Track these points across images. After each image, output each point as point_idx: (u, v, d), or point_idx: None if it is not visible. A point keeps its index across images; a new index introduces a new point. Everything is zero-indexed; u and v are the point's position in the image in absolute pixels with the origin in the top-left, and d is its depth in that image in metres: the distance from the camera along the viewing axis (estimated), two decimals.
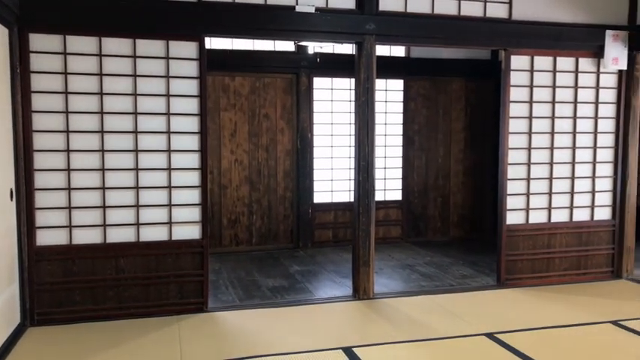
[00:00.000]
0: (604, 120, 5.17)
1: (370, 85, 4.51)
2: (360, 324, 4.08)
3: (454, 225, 7.21)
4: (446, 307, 4.40)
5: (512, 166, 4.96)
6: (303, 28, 4.34)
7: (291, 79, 6.41)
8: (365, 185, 4.58)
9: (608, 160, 5.22)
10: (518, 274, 5.03)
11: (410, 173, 6.96)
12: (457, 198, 7.18)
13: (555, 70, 5.00)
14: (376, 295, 4.66)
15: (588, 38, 5.00)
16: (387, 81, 6.73)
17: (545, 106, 5.01)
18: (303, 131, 6.43)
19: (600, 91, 5.13)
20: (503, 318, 4.12)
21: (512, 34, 4.80)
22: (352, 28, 4.41)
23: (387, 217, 6.93)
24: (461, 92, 7.08)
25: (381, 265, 5.76)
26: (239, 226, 6.36)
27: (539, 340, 3.70)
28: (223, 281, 5.15)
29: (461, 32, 4.68)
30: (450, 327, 3.93)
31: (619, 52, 5.03)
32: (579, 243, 5.18)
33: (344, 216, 6.63)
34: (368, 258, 4.61)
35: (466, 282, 5.15)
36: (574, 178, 5.13)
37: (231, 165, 6.29)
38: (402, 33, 4.55)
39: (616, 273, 5.27)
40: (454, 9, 4.65)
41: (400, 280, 5.22)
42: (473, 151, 7.18)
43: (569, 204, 5.14)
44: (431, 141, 7.02)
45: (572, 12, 4.97)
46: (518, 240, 5.02)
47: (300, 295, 4.71)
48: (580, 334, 3.82)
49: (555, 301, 4.56)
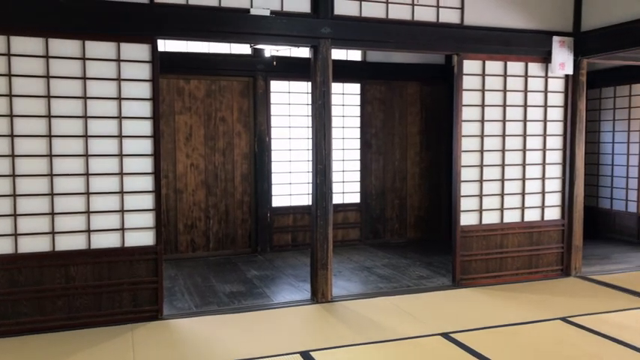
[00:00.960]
0: (552, 123, 5.35)
1: (326, 88, 4.53)
2: (318, 327, 4.07)
3: (411, 226, 7.31)
4: (403, 308, 4.44)
5: (466, 168, 5.07)
6: (259, 31, 4.32)
7: (247, 82, 6.36)
8: (322, 188, 4.58)
9: (557, 161, 5.40)
10: (473, 274, 5.14)
11: (368, 176, 7.02)
12: (414, 200, 7.29)
13: (506, 75, 5.14)
14: (334, 298, 4.67)
15: (537, 44, 5.16)
16: (344, 84, 6.78)
17: (496, 109, 5.14)
18: (260, 134, 6.39)
19: (548, 95, 5.31)
20: (459, 317, 4.20)
21: (464, 39, 4.91)
22: (308, 31, 4.42)
23: (346, 220, 6.96)
24: (416, 96, 7.19)
25: (340, 267, 5.78)
26: (196, 231, 6.26)
27: (492, 338, 3.79)
28: (179, 288, 5.05)
29: (415, 37, 4.75)
30: (406, 328, 3.97)
31: (565, 58, 5.22)
32: (530, 242, 5.33)
33: (303, 219, 6.62)
34: (326, 261, 4.62)
35: (422, 283, 5.22)
36: (525, 180, 5.28)
37: (186, 169, 6.18)
38: (358, 37, 4.59)
39: (565, 271, 5.45)
40: (408, 14, 4.72)
41: (359, 283, 5.24)
42: (429, 153, 7.30)
43: (520, 205, 5.28)
44: (388, 144, 7.10)
45: (521, 19, 5.12)
46: (472, 240, 5.13)
47: (258, 300, 4.67)
48: (532, 331, 3.93)
49: (508, 300, 4.68)
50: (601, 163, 7.54)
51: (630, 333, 3.84)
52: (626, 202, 7.17)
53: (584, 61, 5.29)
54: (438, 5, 4.81)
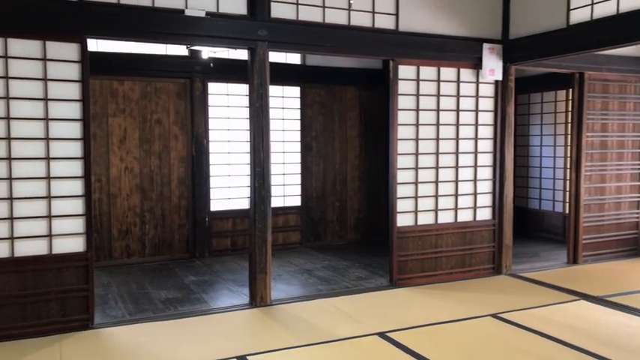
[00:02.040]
0: (483, 127, 5.56)
1: (264, 91, 4.51)
2: (256, 331, 4.04)
3: (351, 228, 7.39)
4: (341, 309, 4.49)
5: (402, 170, 5.18)
6: (194, 32, 4.25)
7: (184, 84, 6.25)
8: (261, 191, 4.56)
9: (488, 164, 5.61)
10: (409, 274, 5.26)
11: (308, 179, 7.05)
12: (354, 202, 7.38)
13: (439, 80, 5.30)
14: (273, 302, 4.65)
15: (468, 50, 5.36)
16: (284, 88, 6.78)
17: (430, 113, 5.28)
18: (198, 137, 6.29)
19: (479, 100, 5.51)
20: (395, 317, 4.28)
21: (399, 45, 5.03)
22: (244, 33, 4.40)
23: (287, 223, 6.96)
24: (355, 100, 7.30)
25: (280, 271, 5.76)
26: (130, 236, 6.08)
27: (427, 336, 3.89)
28: (113, 295, 4.88)
29: (351, 41, 4.82)
30: (344, 328, 4.01)
31: (495, 64, 5.44)
32: (464, 242, 5.51)
33: (243, 223, 6.55)
34: (265, 265, 4.60)
35: (361, 283, 5.29)
36: (458, 182, 5.46)
37: (120, 173, 5.99)
38: (295, 40, 4.61)
39: (497, 269, 5.67)
40: (344, 19, 4.79)
41: (298, 286, 5.25)
42: (367, 156, 7.42)
43: (454, 205, 5.45)
44: (328, 147, 7.16)
45: (454, 26, 5.30)
46: (408, 241, 5.25)
47: (195, 306, 4.58)
48: (464, 328, 4.06)
49: (443, 298, 4.81)
50: (530, 166, 7.91)
51: (556, 327, 4.03)
52: (554, 203, 7.55)
53: (512, 67, 5.53)
54: (374, 11, 4.91)
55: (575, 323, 4.12)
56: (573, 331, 3.93)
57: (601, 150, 6.18)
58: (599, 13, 4.57)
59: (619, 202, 6.34)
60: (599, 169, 6.19)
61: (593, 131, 6.12)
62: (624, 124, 6.31)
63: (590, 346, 3.65)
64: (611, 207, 6.29)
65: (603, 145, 6.20)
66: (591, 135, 6.10)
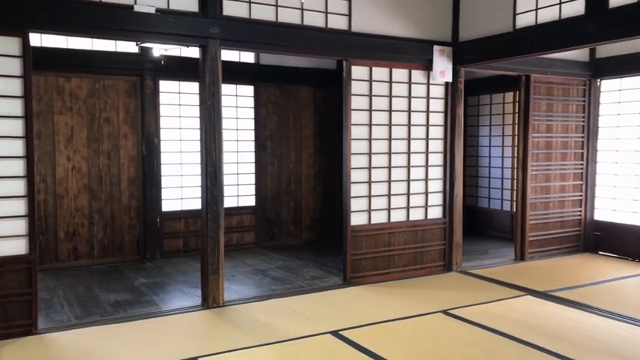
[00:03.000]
0: (434, 127, 5.67)
1: (216, 89, 4.46)
2: (208, 333, 3.99)
3: (306, 228, 7.40)
4: (295, 308, 4.48)
5: (355, 170, 5.23)
6: (143, 28, 4.16)
7: (135, 82, 6.10)
8: (213, 191, 4.50)
9: (439, 163, 5.73)
10: (363, 272, 5.31)
11: (263, 179, 7.01)
12: (309, 202, 7.39)
13: (392, 81, 5.37)
14: (226, 303, 4.60)
15: (419, 52, 5.46)
16: (237, 86, 6.73)
17: (383, 114, 5.35)
18: (149, 136, 6.16)
19: (430, 101, 5.62)
20: (348, 315, 4.31)
21: (352, 46, 5.07)
22: (195, 31, 4.33)
23: (241, 223, 6.90)
24: (310, 100, 7.31)
25: (233, 272, 5.71)
26: (78, 238, 5.89)
27: (379, 333, 3.93)
28: (58, 299, 4.72)
29: (304, 41, 4.83)
30: (297, 328, 4.01)
31: (445, 66, 5.56)
32: (416, 240, 5.61)
33: (195, 224, 6.45)
34: (217, 265, 4.54)
35: (315, 283, 5.30)
36: (410, 181, 5.55)
37: (67, 173, 5.80)
38: (247, 39, 4.58)
39: (447, 266, 5.80)
40: (297, 18, 4.79)
41: (252, 286, 5.21)
42: (322, 156, 7.45)
43: (406, 205, 5.54)
44: (282, 147, 7.14)
45: (405, 28, 5.39)
46: (362, 240, 5.30)
47: (145, 309, 4.48)
48: (415, 325, 4.13)
49: (395, 296, 4.88)
50: (479, 165, 8.13)
51: (503, 321, 4.16)
52: (502, 202, 7.79)
53: (462, 69, 5.67)
54: (327, 11, 4.93)
55: (521, 318, 4.26)
56: (519, 325, 4.06)
57: (546, 150, 6.42)
58: (544, 18, 4.75)
59: (563, 200, 6.60)
60: (545, 168, 6.42)
61: (539, 132, 6.34)
62: (567, 126, 6.57)
63: (535, 339, 3.78)
64: (556, 205, 6.54)
65: (548, 145, 6.44)
66: (537, 136, 6.32)
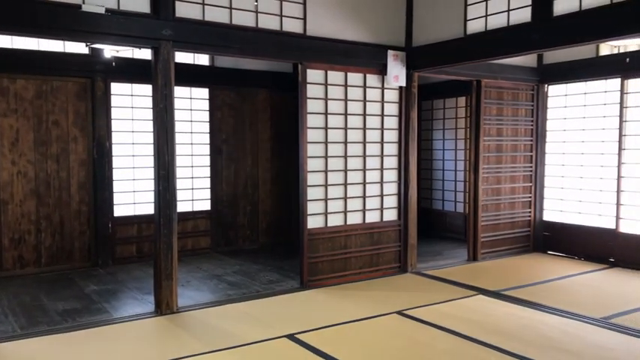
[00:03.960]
0: (389, 131, 5.75)
1: (169, 91, 4.39)
2: (160, 340, 3.91)
3: (263, 232, 7.36)
4: (251, 313, 4.45)
5: (312, 173, 5.24)
6: (93, 29, 4.05)
7: (85, 84, 5.93)
8: (166, 195, 4.42)
9: (393, 166, 5.81)
10: (320, 275, 5.32)
11: (218, 183, 6.93)
12: (265, 205, 7.35)
13: (347, 85, 5.41)
14: (180, 309, 4.52)
15: (374, 57, 5.52)
16: (192, 89, 6.63)
17: (339, 117, 5.39)
18: (100, 140, 5.99)
19: (385, 105, 5.70)
20: (304, 318, 4.31)
21: (307, 49, 5.08)
22: (147, 32, 4.25)
23: (196, 228, 6.80)
24: (266, 103, 7.28)
25: (188, 277, 5.62)
26: (24, 245, 5.66)
27: (335, 335, 3.95)
28: (2, 309, 4.52)
29: (259, 44, 4.81)
30: (253, 332, 3.98)
31: (399, 71, 5.65)
32: (372, 242, 5.66)
33: (149, 229, 6.31)
34: (171, 271, 4.46)
35: (272, 287, 5.27)
36: (365, 184, 5.60)
37: (12, 177, 5.57)
38: (201, 41, 4.52)
39: (403, 267, 5.88)
40: (252, 21, 4.77)
41: (207, 291, 5.14)
42: (279, 159, 7.43)
43: (362, 207, 5.59)
44: (239, 150, 7.08)
45: (360, 32, 5.45)
46: (318, 243, 5.31)
47: (95, 317, 4.35)
48: (370, 326, 4.16)
49: (352, 298, 4.91)
50: (434, 169, 8.28)
51: (456, 321, 4.24)
52: (455, 204, 7.96)
53: (415, 74, 5.77)
54: (282, 14, 4.93)
55: (473, 317, 4.35)
56: (471, 324, 4.15)
57: (497, 153, 6.60)
58: (493, 25, 4.89)
59: (513, 202, 6.80)
60: (495, 171, 6.60)
61: (490, 135, 6.52)
62: (517, 129, 6.78)
63: (487, 337, 3.88)
64: (506, 207, 6.73)
65: (499, 148, 6.62)
66: (488, 139, 6.49)
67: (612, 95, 6.16)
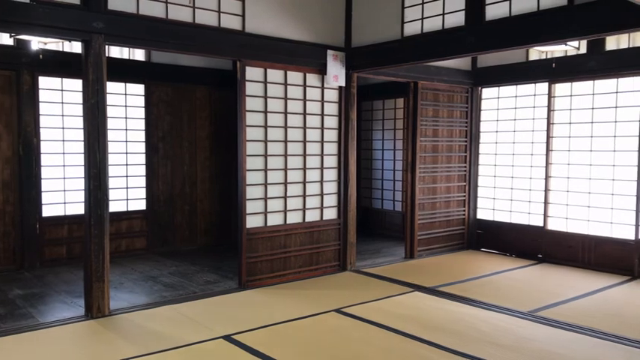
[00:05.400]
0: (329, 130, 5.77)
1: (100, 86, 4.22)
2: (90, 344, 3.75)
3: (202, 232, 7.22)
4: (187, 315, 4.35)
5: (251, 172, 5.19)
6: (17, 19, 3.84)
7: (10, 77, 5.61)
8: (97, 194, 4.25)
9: (333, 166, 5.84)
10: (259, 275, 5.27)
11: (155, 181, 6.74)
12: (204, 205, 7.22)
13: (287, 83, 5.40)
14: (113, 312, 4.36)
15: (314, 56, 5.53)
16: (127, 85, 6.42)
17: (278, 116, 5.36)
18: (26, 136, 5.68)
19: (325, 104, 5.72)
20: (242, 319, 4.25)
21: (246, 46, 5.02)
22: (77, 24, 4.07)
23: (131, 228, 6.58)
24: (205, 100, 7.15)
25: (122, 279, 5.43)
26: None
27: (272, 335, 3.92)
28: None
29: (196, 40, 4.71)
30: (189, 334, 3.89)
31: (338, 71, 5.69)
32: (311, 241, 5.67)
33: (80, 229, 6.03)
34: (102, 273, 4.29)
35: (210, 288, 5.18)
36: (305, 183, 5.60)
37: None
38: (135, 35, 4.38)
39: (342, 266, 5.92)
40: (189, 16, 4.66)
41: (142, 293, 4.98)
42: (219, 158, 7.31)
43: (302, 206, 5.58)
44: (176, 148, 6.91)
45: (300, 31, 5.44)
46: (257, 242, 5.26)
47: (19, 322, 4.12)
48: (309, 324, 4.16)
49: (290, 297, 4.90)
50: (374, 168, 8.41)
51: (392, 317, 4.31)
52: (394, 202, 8.11)
53: (354, 74, 5.82)
54: (220, 10, 4.85)
55: (409, 313, 4.44)
56: (407, 320, 4.24)
57: (433, 153, 6.77)
58: (429, 28, 5.01)
59: (449, 200, 7.00)
60: (432, 170, 6.77)
61: (426, 136, 6.68)
62: (452, 130, 6.99)
63: (422, 332, 3.97)
64: (442, 205, 6.92)
65: (435, 149, 6.80)
66: (424, 140, 6.65)
67: (541, 98, 6.46)
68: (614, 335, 3.95)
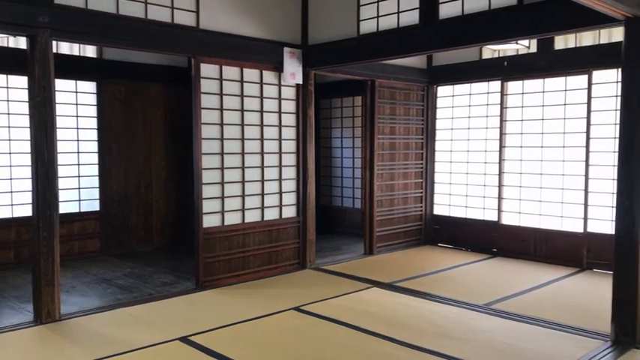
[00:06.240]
0: (287, 128, 5.75)
1: (47, 83, 4.07)
2: (39, 351, 3.62)
3: (158, 233, 7.08)
4: (142, 317, 4.25)
5: (207, 170, 5.12)
6: None
7: None
8: (46, 195, 4.10)
9: (292, 164, 5.82)
10: (217, 275, 5.20)
11: (108, 181, 6.56)
12: (160, 205, 7.08)
13: (243, 81, 5.34)
14: (64, 317, 4.22)
15: (270, 53, 5.49)
16: (78, 82, 6.22)
17: (235, 113, 5.30)
18: None
19: (282, 102, 5.69)
20: (199, 320, 4.19)
21: (200, 43, 4.94)
22: (22, 19, 3.91)
23: (84, 230, 6.39)
24: (160, 98, 7.01)
25: (74, 282, 5.27)
26: None
27: (230, 335, 3.88)
28: None
29: (149, 36, 4.61)
30: (143, 337, 3.80)
31: (295, 68, 5.67)
32: (270, 240, 5.64)
33: (29, 232, 5.77)
34: (52, 276, 4.14)
35: (166, 289, 5.08)
36: (264, 181, 5.56)
37: None
38: (84, 30, 4.24)
39: (302, 264, 5.91)
40: (141, 12, 4.55)
41: (95, 297, 4.84)
42: (175, 157, 7.18)
43: (260, 205, 5.54)
44: (130, 147, 6.75)
45: (256, 28, 5.39)
46: (215, 242, 5.20)
47: None
48: (267, 323, 4.14)
49: (249, 297, 4.86)
50: (333, 166, 8.43)
51: (350, 313, 4.33)
52: (353, 200, 8.15)
53: (311, 72, 5.82)
54: (173, 6, 4.75)
55: (367, 308, 4.47)
56: (365, 316, 4.26)
57: (390, 151, 6.84)
58: (384, 26, 5.05)
59: (406, 197, 7.09)
60: (389, 168, 6.84)
61: (384, 134, 6.74)
62: (409, 128, 7.07)
63: (379, 327, 4.00)
64: (400, 202, 7.00)
65: (392, 146, 6.87)
66: (382, 137, 6.71)
67: (494, 96, 6.61)
68: (562, 325, 4.08)
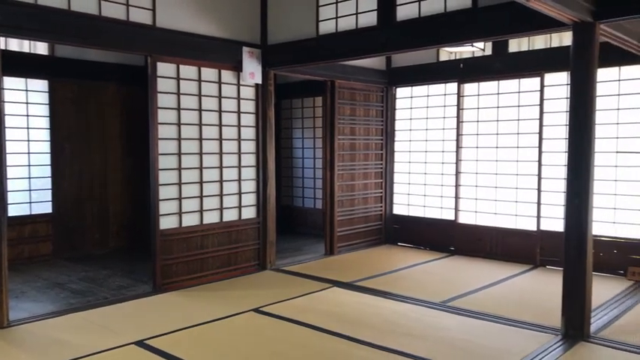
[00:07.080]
0: (246, 128, 5.70)
1: None
2: None
3: (114, 235, 6.91)
4: (96, 322, 4.13)
5: (164, 171, 5.03)
6: None
7: None
8: None
9: (251, 164, 5.78)
10: (175, 278, 5.12)
11: (61, 183, 6.36)
12: (116, 207, 6.91)
13: (201, 80, 5.27)
14: (12, 323, 4.06)
15: (229, 53, 5.44)
16: (28, 80, 6.01)
17: (193, 113, 5.22)
18: None
19: (241, 102, 5.65)
20: (156, 323, 4.10)
21: (157, 41, 4.85)
22: None
23: (35, 233, 6.17)
24: (116, 98, 6.84)
25: (24, 287, 5.08)
26: None
27: (188, 338, 3.81)
28: None
29: (103, 33, 4.49)
30: (97, 342, 3.69)
31: (254, 68, 5.63)
32: (230, 241, 5.58)
33: None
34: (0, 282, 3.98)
35: (122, 292, 4.96)
36: (223, 182, 5.50)
37: None
38: (33, 27, 4.09)
39: (262, 265, 5.87)
40: (94, 8, 4.43)
41: (47, 302, 4.68)
42: (131, 157, 7.02)
43: (219, 206, 5.48)
44: (84, 148, 6.56)
45: (214, 27, 5.33)
46: (172, 244, 5.11)
47: None
48: (226, 326, 4.09)
49: (207, 299, 4.79)
50: (294, 167, 8.41)
51: (310, 314, 4.32)
52: (314, 200, 8.16)
53: (271, 71, 5.79)
54: (128, 3, 4.65)
55: (327, 308, 4.48)
56: (325, 316, 4.27)
57: (350, 151, 6.88)
58: (343, 27, 5.08)
59: (366, 197, 7.14)
60: (350, 168, 6.88)
61: (344, 134, 6.77)
62: (369, 129, 7.13)
63: (339, 327, 4.00)
64: (360, 202, 7.05)
65: (352, 147, 6.91)
66: (342, 138, 6.74)
67: (451, 98, 6.73)
68: (516, 320, 4.19)
